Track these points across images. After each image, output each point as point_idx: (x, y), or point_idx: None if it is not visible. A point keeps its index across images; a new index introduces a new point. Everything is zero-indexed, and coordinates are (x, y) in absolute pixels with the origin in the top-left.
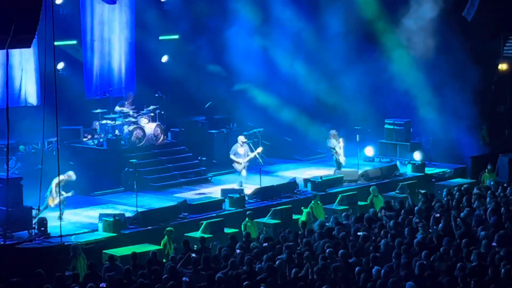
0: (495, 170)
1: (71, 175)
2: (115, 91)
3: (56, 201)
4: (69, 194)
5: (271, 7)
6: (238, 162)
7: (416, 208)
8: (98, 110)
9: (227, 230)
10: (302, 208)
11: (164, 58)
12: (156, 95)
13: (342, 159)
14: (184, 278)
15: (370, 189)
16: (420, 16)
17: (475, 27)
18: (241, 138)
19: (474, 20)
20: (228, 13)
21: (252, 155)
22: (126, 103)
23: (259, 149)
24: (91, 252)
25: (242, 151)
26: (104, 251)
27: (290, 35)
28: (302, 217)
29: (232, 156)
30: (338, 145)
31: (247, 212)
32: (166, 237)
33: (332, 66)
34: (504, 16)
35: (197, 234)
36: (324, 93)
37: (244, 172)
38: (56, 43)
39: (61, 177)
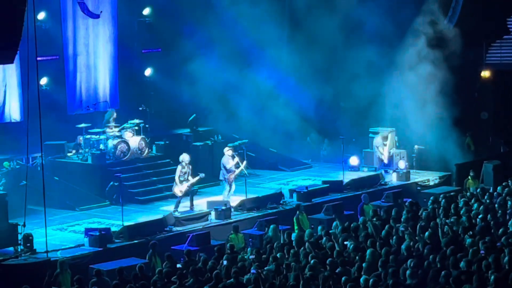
0: (478, 176)
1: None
2: (100, 106)
3: (184, 188)
4: (199, 177)
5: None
6: (230, 175)
7: (402, 216)
8: (82, 125)
9: (213, 242)
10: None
11: (148, 71)
12: (140, 108)
13: (384, 157)
14: None
15: (361, 197)
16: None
17: (458, 34)
18: (227, 151)
19: (456, 28)
20: (210, 24)
21: (239, 169)
22: (111, 120)
23: (244, 163)
24: (77, 267)
25: (231, 163)
26: (90, 266)
27: (273, 46)
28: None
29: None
30: (381, 145)
31: (233, 224)
32: (151, 250)
33: (316, 76)
34: (486, 23)
35: None
36: (309, 103)
37: (233, 186)
38: (39, 58)
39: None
